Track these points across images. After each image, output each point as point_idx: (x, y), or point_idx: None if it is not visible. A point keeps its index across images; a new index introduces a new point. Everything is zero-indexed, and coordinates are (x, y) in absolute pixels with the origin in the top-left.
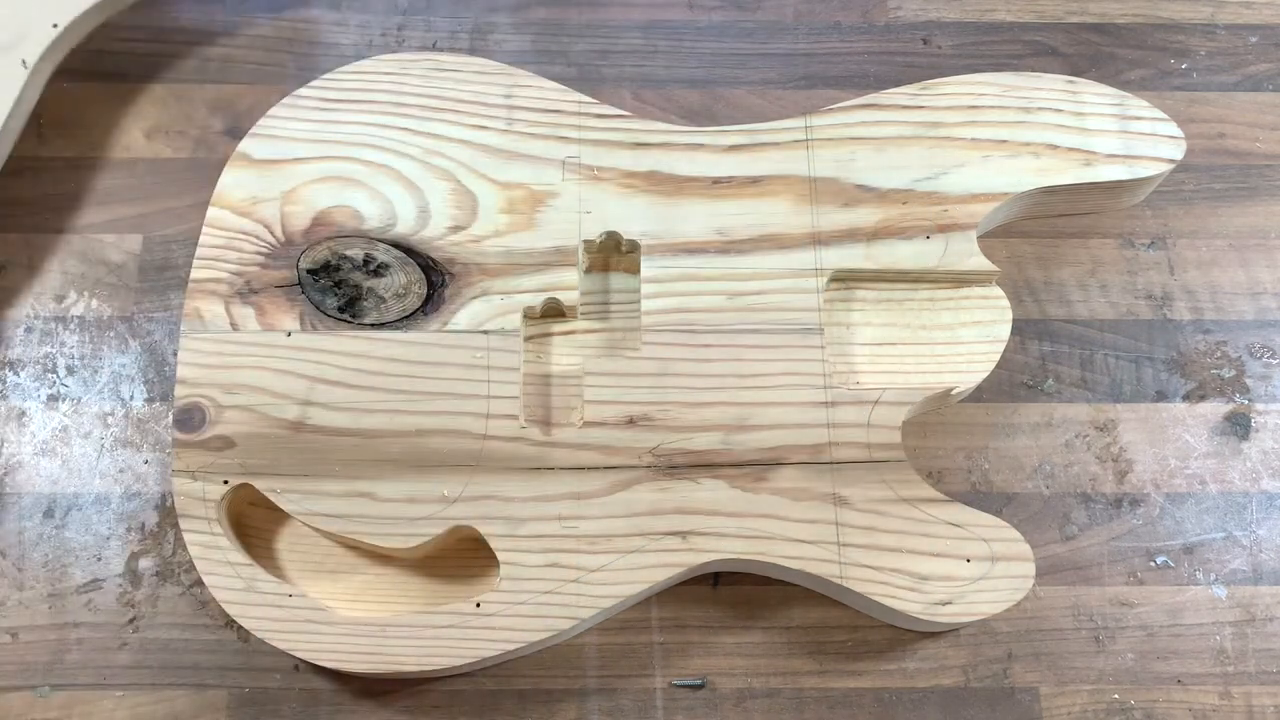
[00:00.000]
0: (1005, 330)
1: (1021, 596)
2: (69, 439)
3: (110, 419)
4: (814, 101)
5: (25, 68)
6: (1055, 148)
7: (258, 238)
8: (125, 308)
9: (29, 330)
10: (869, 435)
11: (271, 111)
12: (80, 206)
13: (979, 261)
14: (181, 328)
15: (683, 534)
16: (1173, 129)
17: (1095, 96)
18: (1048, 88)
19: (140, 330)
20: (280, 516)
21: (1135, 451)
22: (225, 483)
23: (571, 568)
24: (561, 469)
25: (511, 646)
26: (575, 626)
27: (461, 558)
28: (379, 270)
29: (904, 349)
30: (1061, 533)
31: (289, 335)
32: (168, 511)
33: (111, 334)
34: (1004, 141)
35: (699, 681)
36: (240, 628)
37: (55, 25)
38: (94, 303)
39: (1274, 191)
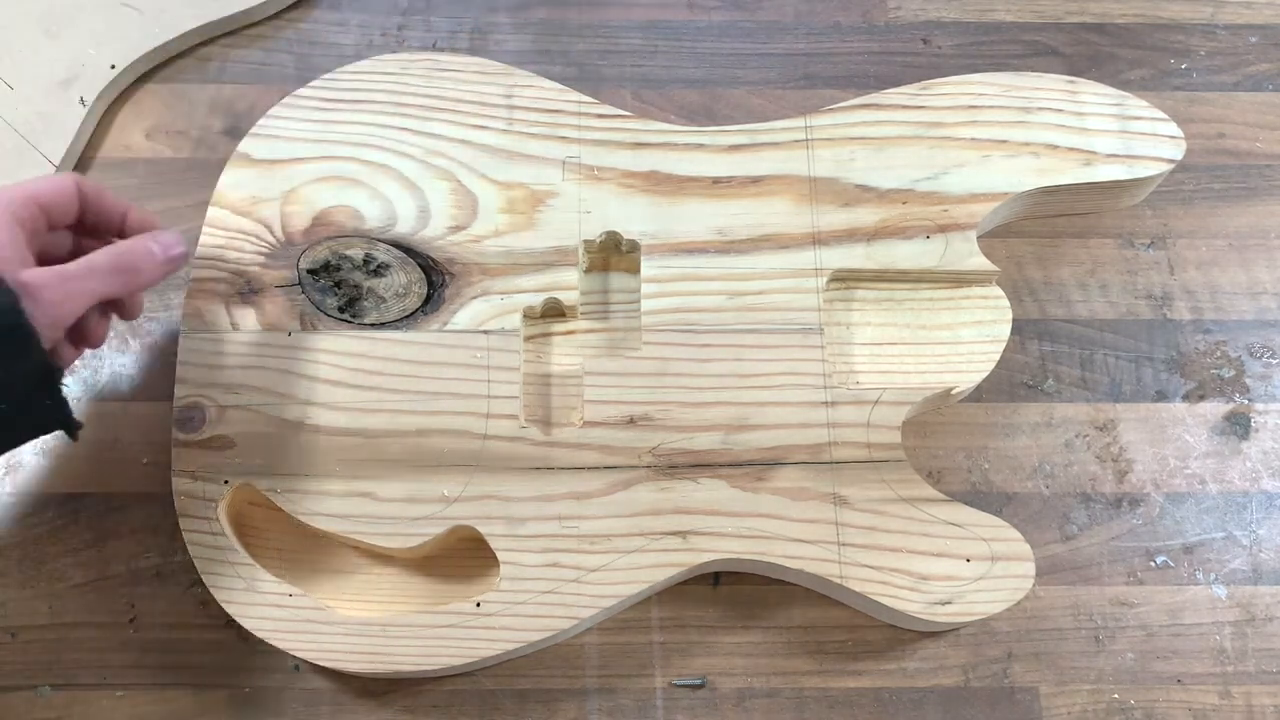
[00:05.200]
0: (1005, 330)
1: (1021, 596)
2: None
3: (110, 419)
4: (814, 101)
5: (83, 105)
6: (1055, 148)
7: (258, 238)
8: None
9: None
10: (869, 435)
11: (271, 111)
12: None
13: (979, 261)
14: (181, 328)
15: (683, 534)
16: (1172, 129)
17: (1095, 96)
18: (1048, 88)
19: (140, 330)
20: (280, 516)
21: (1135, 451)
22: (225, 483)
23: (571, 567)
24: (561, 469)
25: (511, 646)
26: (575, 626)
27: (461, 558)
28: (379, 270)
29: (904, 349)
30: (1061, 532)
31: (289, 335)
32: (168, 511)
33: (112, 334)
34: (1004, 141)
35: (699, 681)
36: (240, 628)
37: (113, 66)
38: None
39: (1274, 191)
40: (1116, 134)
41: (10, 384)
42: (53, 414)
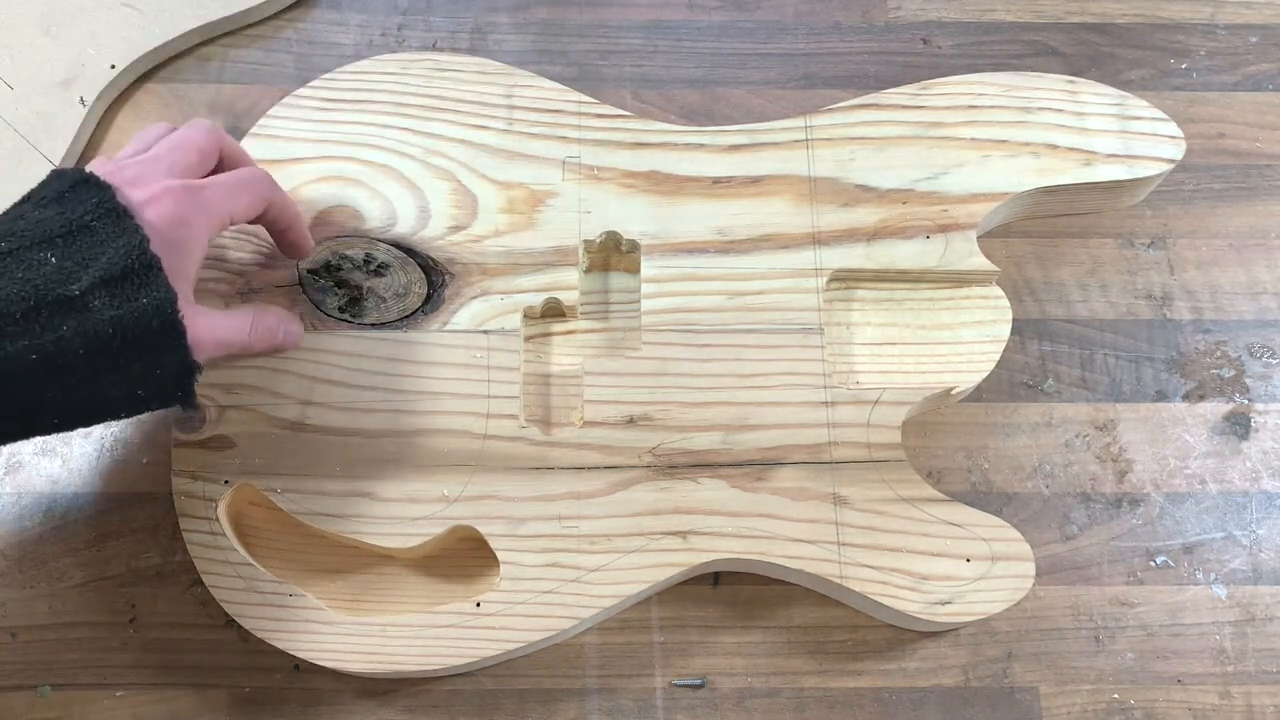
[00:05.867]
0: (1005, 330)
1: (1021, 596)
2: (69, 439)
3: None
4: (814, 101)
5: (83, 105)
6: (1055, 148)
7: (258, 237)
8: None
9: None
10: (869, 435)
11: (271, 111)
12: None
13: (979, 261)
14: None
15: (682, 534)
16: (1172, 129)
17: (1095, 96)
18: (1048, 88)
19: None
20: (280, 516)
21: (1135, 451)
22: (225, 483)
23: (571, 567)
24: (561, 469)
25: (511, 646)
26: (575, 626)
27: (461, 558)
28: (379, 270)
29: (904, 349)
30: (1061, 532)
31: None
32: (168, 511)
33: None
34: (1004, 141)
35: (699, 681)
36: (240, 628)
37: (113, 66)
38: None
39: (1274, 191)
40: (1116, 134)
41: (153, 376)
42: (181, 402)
